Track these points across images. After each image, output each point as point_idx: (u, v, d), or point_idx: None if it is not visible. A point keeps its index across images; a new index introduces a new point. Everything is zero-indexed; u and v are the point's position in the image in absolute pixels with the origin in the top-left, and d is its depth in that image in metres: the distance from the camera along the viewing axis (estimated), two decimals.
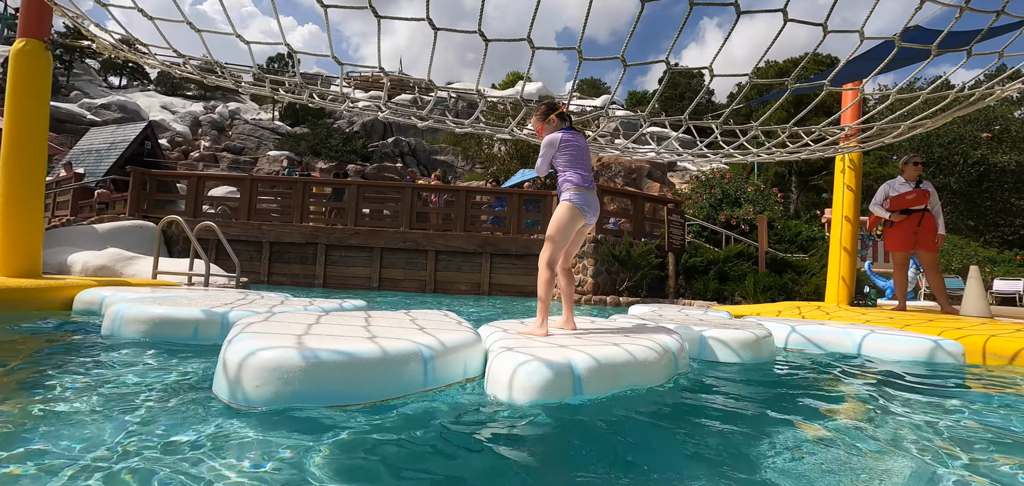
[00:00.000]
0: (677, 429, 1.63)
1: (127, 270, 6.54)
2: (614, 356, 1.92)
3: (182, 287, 5.04)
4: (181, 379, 1.88)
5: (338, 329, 2.05)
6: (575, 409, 1.67)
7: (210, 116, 33.54)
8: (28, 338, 2.62)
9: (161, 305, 2.66)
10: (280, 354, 1.51)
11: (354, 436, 1.35)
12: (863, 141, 5.92)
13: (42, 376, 1.85)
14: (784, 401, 2.13)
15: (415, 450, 1.30)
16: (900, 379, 2.69)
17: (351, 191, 9.75)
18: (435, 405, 1.68)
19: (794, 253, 11.02)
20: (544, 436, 1.48)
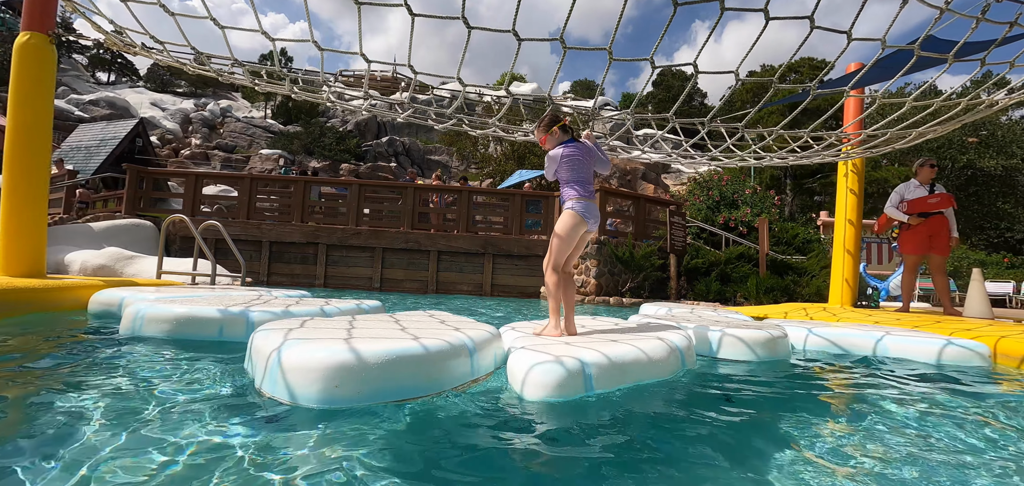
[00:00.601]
0: (692, 419, 1.74)
1: (128, 270, 6.42)
2: (625, 354, 2.07)
3: (188, 286, 4.96)
4: (218, 379, 1.84)
5: (383, 330, 2.05)
6: (589, 399, 1.84)
7: (201, 114, 33.10)
8: (50, 340, 2.55)
9: (183, 304, 2.61)
10: (357, 353, 1.58)
11: (401, 429, 1.44)
12: (867, 146, 6.00)
13: (79, 379, 1.80)
14: (792, 396, 2.21)
15: (456, 441, 1.40)
16: (924, 379, 2.73)
17: (352, 191, 9.67)
18: (465, 398, 1.78)
19: (792, 255, 11.14)
20: (562, 428, 1.56)
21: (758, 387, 2.34)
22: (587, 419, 1.62)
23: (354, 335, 1.86)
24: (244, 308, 2.73)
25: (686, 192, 15.09)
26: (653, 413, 1.79)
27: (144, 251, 8.42)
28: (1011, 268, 14.95)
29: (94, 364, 1.98)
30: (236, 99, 39.91)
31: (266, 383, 1.61)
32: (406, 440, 1.36)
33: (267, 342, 1.73)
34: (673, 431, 1.61)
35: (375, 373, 1.59)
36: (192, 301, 2.82)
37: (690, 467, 1.30)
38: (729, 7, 2.97)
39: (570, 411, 1.68)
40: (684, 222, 10.11)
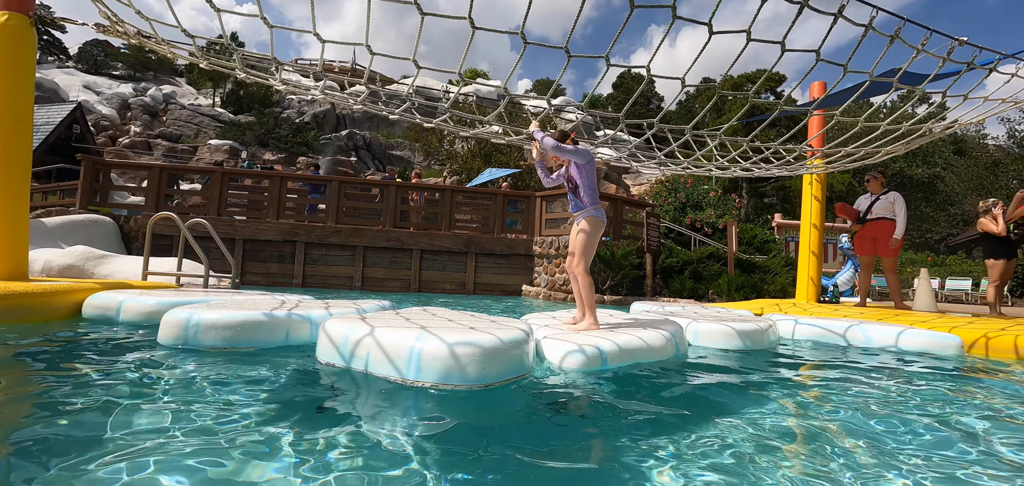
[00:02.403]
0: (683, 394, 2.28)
1: (99, 270, 5.99)
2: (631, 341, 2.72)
3: (188, 289, 4.73)
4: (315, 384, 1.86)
5: (459, 322, 2.28)
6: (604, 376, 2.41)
7: (141, 99, 30.85)
8: (86, 352, 2.42)
9: (237, 310, 2.56)
10: (499, 340, 2.04)
11: (519, 397, 1.95)
12: (829, 161, 6.58)
13: (216, 401, 1.76)
14: (774, 376, 2.77)
15: (526, 404, 1.92)
16: (898, 361, 3.14)
17: (332, 188, 9.43)
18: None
19: (752, 254, 11.90)
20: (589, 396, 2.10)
21: (734, 366, 2.99)
22: (605, 385, 2.24)
23: (452, 327, 2.27)
24: (306, 311, 2.73)
25: (652, 194, 15.71)
26: (648, 382, 2.40)
27: (104, 249, 7.86)
28: (935, 266, 16.62)
29: (195, 382, 1.89)
30: (180, 85, 37.48)
31: (409, 370, 1.93)
32: (523, 402, 1.91)
33: (399, 337, 2.04)
34: (661, 394, 2.21)
35: (505, 357, 2.02)
36: (239, 305, 2.75)
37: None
38: (680, 16, 3.13)
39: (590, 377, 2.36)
40: (658, 223, 10.57)
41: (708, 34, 3.19)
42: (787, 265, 10.69)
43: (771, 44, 3.34)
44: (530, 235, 10.22)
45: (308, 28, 3.02)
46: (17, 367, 2.04)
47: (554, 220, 9.99)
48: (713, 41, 3.21)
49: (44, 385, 1.77)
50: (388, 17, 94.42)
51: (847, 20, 3.29)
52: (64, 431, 1.34)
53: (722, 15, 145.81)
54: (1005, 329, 4.50)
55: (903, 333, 4.06)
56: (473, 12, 2.90)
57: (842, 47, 17.55)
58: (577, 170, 3.14)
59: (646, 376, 2.50)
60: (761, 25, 24.47)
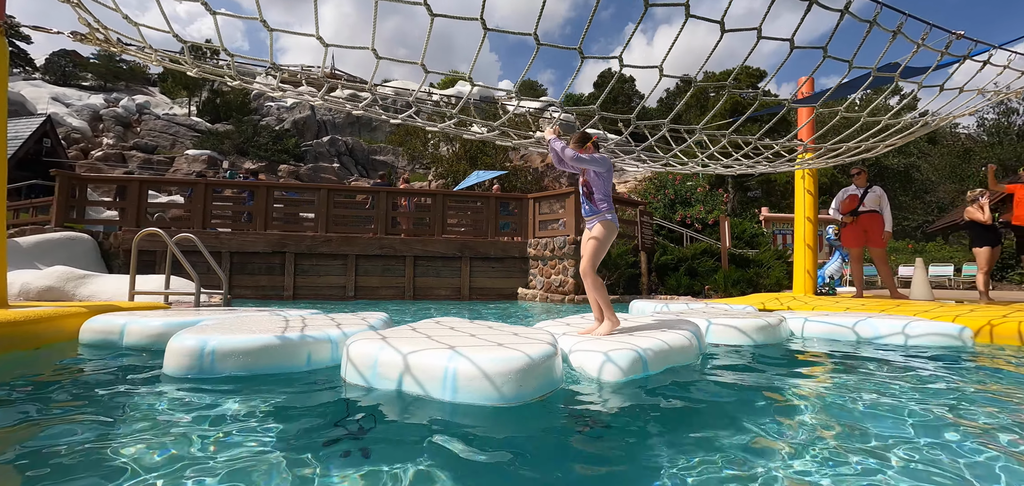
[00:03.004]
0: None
1: (81, 291, 5.70)
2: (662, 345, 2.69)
3: (186, 308, 4.52)
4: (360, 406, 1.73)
5: (483, 336, 2.20)
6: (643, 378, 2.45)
7: (113, 110, 29.91)
8: (110, 386, 2.23)
9: (252, 333, 2.40)
10: (529, 357, 1.95)
11: (558, 411, 1.93)
12: (819, 155, 6.63)
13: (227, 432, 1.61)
14: (790, 371, 2.86)
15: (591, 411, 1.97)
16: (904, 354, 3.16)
17: (321, 196, 9.19)
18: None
19: (742, 248, 12.01)
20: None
21: (754, 362, 3.04)
22: (638, 392, 2.22)
23: (479, 343, 2.22)
24: (325, 331, 2.59)
25: (640, 192, 15.78)
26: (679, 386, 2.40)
27: (83, 268, 7.52)
28: (916, 253, 17.05)
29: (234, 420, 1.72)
30: (154, 94, 36.48)
31: (445, 391, 1.86)
32: (560, 418, 1.87)
33: (432, 358, 1.95)
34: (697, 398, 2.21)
35: (539, 373, 1.95)
36: (247, 326, 2.59)
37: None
38: (653, 3, 2.99)
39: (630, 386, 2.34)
40: (651, 221, 10.59)
41: (685, 16, 3.04)
42: (778, 258, 10.81)
43: (747, 31, 3.29)
44: (524, 237, 10.13)
45: (290, 40, 2.86)
46: (22, 405, 1.86)
47: (546, 221, 9.92)
48: (693, 38, 3.12)
49: (60, 426, 1.60)
50: (367, 19, 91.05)
51: (821, 6, 3.20)
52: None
53: (699, 9, 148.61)
54: (1007, 316, 4.56)
55: (910, 325, 4.07)
56: (449, 11, 2.79)
57: (831, 39, 18.41)
58: (594, 176, 3.11)
59: (676, 379, 2.47)
60: (736, 20, 24.76)
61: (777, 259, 10.39)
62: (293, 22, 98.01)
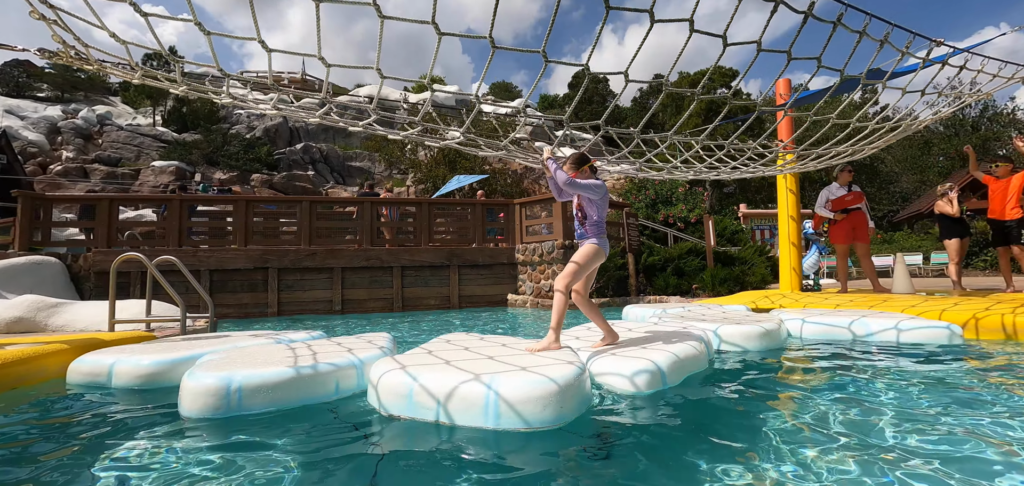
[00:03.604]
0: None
1: (53, 321, 5.36)
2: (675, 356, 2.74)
3: (197, 338, 4.30)
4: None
5: (516, 357, 2.22)
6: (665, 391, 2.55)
7: (73, 122, 28.58)
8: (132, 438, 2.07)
9: (275, 365, 2.28)
10: (556, 381, 1.95)
11: (588, 433, 1.91)
12: (803, 163, 6.78)
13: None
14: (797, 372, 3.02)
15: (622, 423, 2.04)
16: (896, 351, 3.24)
17: (303, 208, 8.95)
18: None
19: (724, 246, 12.24)
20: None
21: (757, 365, 3.18)
22: (659, 402, 2.35)
23: (505, 365, 2.23)
24: (347, 358, 2.52)
25: (622, 192, 15.92)
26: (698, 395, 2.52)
27: (50, 293, 7.12)
28: (885, 243, 17.71)
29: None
30: (115, 104, 35.01)
31: (487, 418, 1.85)
32: (593, 435, 1.90)
33: (471, 387, 1.93)
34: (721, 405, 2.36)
35: (577, 394, 1.99)
36: (267, 360, 2.46)
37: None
38: (614, 6, 2.86)
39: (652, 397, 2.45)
40: (636, 222, 10.68)
41: (650, 22, 2.95)
42: (759, 254, 11.06)
43: (714, 37, 3.16)
44: (512, 243, 10.09)
45: (252, 37, 2.72)
46: (38, 465, 1.70)
47: (533, 227, 9.89)
48: (663, 37, 3.05)
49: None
50: (334, 24, 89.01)
51: (787, 6, 3.06)
52: None
53: (666, 10, 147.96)
54: (989, 308, 4.75)
55: (903, 324, 4.18)
56: (419, 14, 2.68)
57: (794, 42, 19.06)
58: (588, 203, 3.02)
59: (699, 391, 2.53)
60: (705, 21, 25.23)
61: (758, 255, 10.62)
62: (261, 27, 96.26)
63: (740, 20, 18.46)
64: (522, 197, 24.16)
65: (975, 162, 7.20)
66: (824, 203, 7.22)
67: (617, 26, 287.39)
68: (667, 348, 2.83)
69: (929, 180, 24.00)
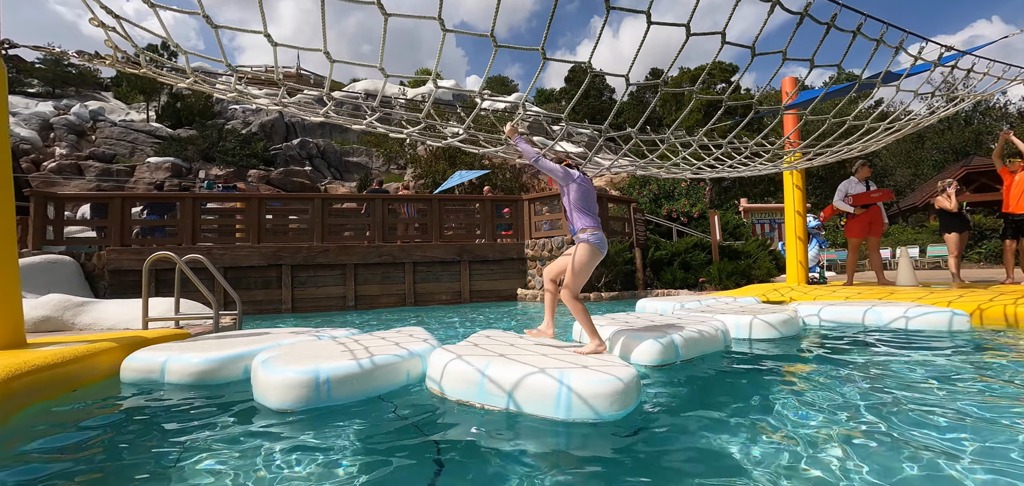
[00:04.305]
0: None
1: (80, 320, 5.41)
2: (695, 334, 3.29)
3: (237, 336, 4.38)
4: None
5: (553, 353, 2.34)
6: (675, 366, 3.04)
7: (65, 118, 28.23)
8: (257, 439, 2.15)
9: (353, 358, 2.41)
10: (621, 378, 2.09)
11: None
12: (808, 159, 6.93)
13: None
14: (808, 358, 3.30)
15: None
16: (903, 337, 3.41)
17: (315, 205, 9.00)
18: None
19: (728, 240, 12.44)
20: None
21: (776, 352, 3.53)
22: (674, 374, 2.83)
23: (568, 360, 2.40)
24: (418, 347, 2.74)
25: (624, 186, 16.08)
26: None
27: (66, 292, 7.14)
28: (884, 236, 18.00)
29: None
30: (107, 100, 34.60)
31: (558, 410, 1.98)
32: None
33: (544, 379, 2.05)
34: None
35: (636, 387, 2.13)
36: (334, 354, 2.58)
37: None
38: (613, 6, 2.88)
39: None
40: (643, 217, 10.83)
41: (647, 23, 2.96)
42: (761, 247, 11.26)
43: (711, 34, 3.12)
44: (521, 238, 10.20)
45: (258, 30, 2.79)
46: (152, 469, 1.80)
47: (542, 222, 10.01)
48: (660, 30, 3.08)
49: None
50: (327, 18, 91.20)
51: (782, 7, 3.11)
52: None
53: (662, 5, 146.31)
54: (992, 300, 4.95)
55: (911, 311, 4.38)
56: (411, 5, 2.70)
57: (789, 42, 18.56)
58: (563, 194, 2.97)
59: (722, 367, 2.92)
60: (702, 12, 24.49)
61: (761, 249, 10.81)
62: (249, 19, 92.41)
63: (737, 13, 18.56)
64: (523, 192, 24.26)
65: (1001, 151, 7.30)
66: (842, 197, 7.33)
67: (611, 19, 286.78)
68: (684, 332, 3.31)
69: (923, 174, 24.39)
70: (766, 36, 3.84)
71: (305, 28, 74.41)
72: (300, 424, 2.01)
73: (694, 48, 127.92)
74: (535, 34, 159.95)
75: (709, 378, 2.80)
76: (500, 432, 1.89)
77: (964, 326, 4.12)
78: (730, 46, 3.25)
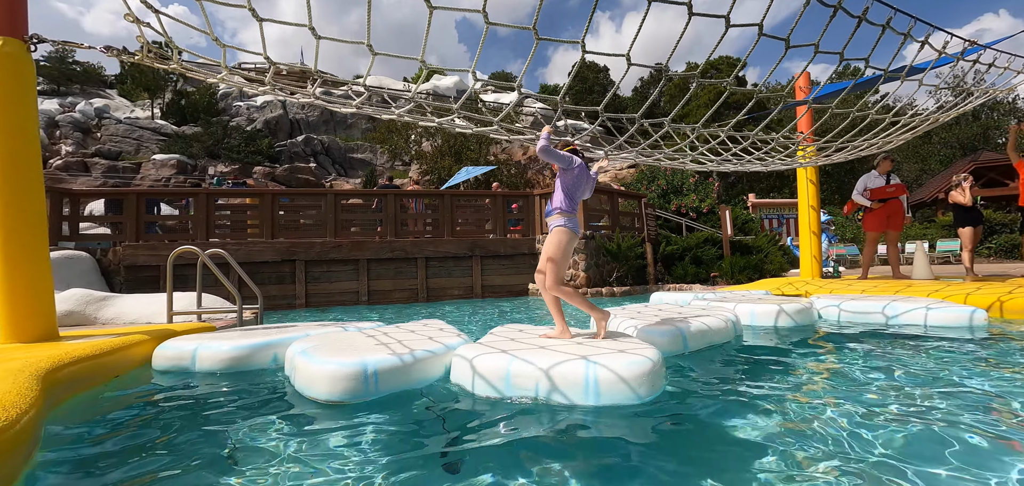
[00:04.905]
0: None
1: (103, 314, 5.45)
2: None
3: (259, 328, 4.41)
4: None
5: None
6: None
7: (70, 115, 28.31)
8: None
9: (393, 351, 2.43)
10: (651, 359, 2.17)
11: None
12: (824, 155, 6.90)
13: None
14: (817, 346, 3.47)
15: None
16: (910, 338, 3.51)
17: (328, 201, 9.02)
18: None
19: (735, 235, 12.43)
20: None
21: (785, 341, 3.67)
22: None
23: (582, 350, 2.43)
24: (453, 341, 2.82)
25: (632, 181, 16.07)
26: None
27: (82, 287, 7.17)
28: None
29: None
30: (112, 97, 34.66)
31: (587, 396, 2.02)
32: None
33: (572, 367, 2.10)
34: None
35: (662, 372, 2.20)
36: (379, 346, 2.61)
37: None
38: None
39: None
40: (654, 212, 10.84)
41: (647, 2, 2.99)
42: (772, 242, 11.25)
43: (716, 17, 3.11)
44: (532, 234, 10.22)
45: (255, 49, 2.82)
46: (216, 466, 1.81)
47: None
48: (660, 26, 3.03)
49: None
50: (328, 12, 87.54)
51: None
52: None
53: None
54: (1012, 293, 4.95)
55: (932, 308, 4.37)
56: (413, 9, 2.67)
57: (794, 28, 18.11)
58: (561, 174, 3.06)
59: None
60: (705, 4, 24.87)
61: (771, 244, 10.81)
62: (251, 20, 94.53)
63: (738, 9, 18.31)
64: (527, 187, 24.25)
65: (1015, 144, 7.28)
66: (862, 190, 7.30)
67: (614, 14, 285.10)
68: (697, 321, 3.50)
69: (930, 169, 24.31)
70: (769, 26, 3.75)
71: (304, 20, 74.88)
72: (348, 415, 2.04)
73: (697, 44, 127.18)
74: (538, 26, 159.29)
75: (730, 365, 2.91)
76: (534, 421, 1.91)
77: (982, 321, 4.11)
78: (734, 38, 3.21)
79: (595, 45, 40.87)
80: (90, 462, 1.71)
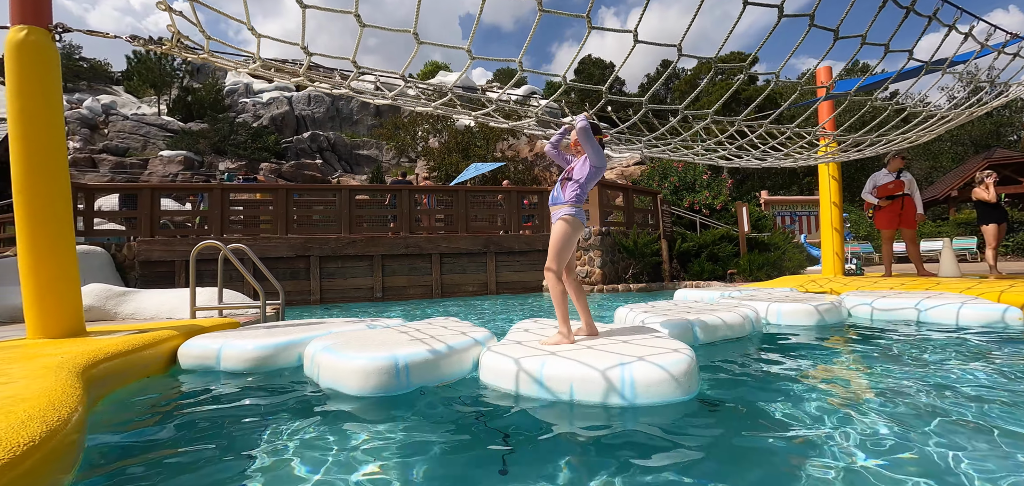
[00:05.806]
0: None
1: (122, 309, 5.38)
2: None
3: (278, 326, 4.34)
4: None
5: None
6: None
7: (78, 112, 28.35)
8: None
9: (421, 345, 2.36)
10: (686, 359, 2.08)
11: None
12: (847, 153, 6.77)
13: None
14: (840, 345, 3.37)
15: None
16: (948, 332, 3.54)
17: (342, 196, 8.95)
18: None
19: (753, 232, 12.31)
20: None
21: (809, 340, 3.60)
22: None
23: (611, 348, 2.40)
24: (476, 336, 2.73)
25: (643, 178, 15.95)
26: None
27: (97, 281, 7.13)
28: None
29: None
30: (119, 93, 34.70)
31: (624, 394, 1.95)
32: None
33: (604, 360, 2.08)
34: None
35: (696, 370, 2.12)
36: (406, 341, 2.53)
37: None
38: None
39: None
40: (669, 209, 10.73)
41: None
42: (788, 240, 11.12)
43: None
44: (545, 230, 10.13)
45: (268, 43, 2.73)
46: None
47: None
48: (664, 22, 2.85)
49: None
50: (331, 12, 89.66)
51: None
52: None
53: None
54: None
55: (964, 306, 4.24)
56: (414, 8, 2.66)
57: (816, 9, 18.23)
58: (585, 166, 2.81)
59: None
60: (713, 3, 23.54)
61: (788, 242, 10.69)
62: (255, 12, 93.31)
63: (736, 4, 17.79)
64: (533, 184, 24.14)
65: None
66: (871, 189, 7.24)
67: (619, 9, 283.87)
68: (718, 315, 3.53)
69: (941, 166, 24.07)
70: (787, 30, 3.64)
71: (310, 20, 73.64)
72: (378, 409, 2.00)
73: (705, 39, 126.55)
74: (542, 25, 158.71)
75: (764, 361, 2.86)
76: (567, 419, 1.87)
77: (1014, 320, 3.99)
78: (741, 33, 3.05)
79: (601, 40, 40.07)
80: (128, 465, 1.63)
